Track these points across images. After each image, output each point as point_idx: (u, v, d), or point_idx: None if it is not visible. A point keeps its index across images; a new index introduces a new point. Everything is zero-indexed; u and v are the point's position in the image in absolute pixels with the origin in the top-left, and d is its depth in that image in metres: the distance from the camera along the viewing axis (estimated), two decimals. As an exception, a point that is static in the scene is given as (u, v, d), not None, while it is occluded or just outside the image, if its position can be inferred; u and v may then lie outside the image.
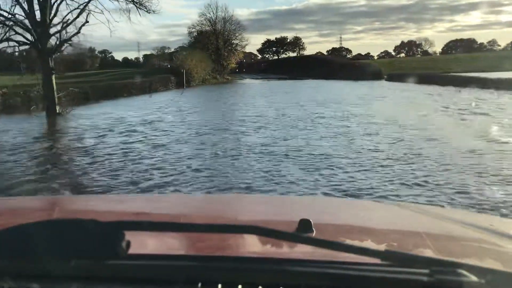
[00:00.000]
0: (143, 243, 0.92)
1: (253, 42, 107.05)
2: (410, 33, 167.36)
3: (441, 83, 34.32)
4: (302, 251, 0.89)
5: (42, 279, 0.72)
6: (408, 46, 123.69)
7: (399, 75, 45.79)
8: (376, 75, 50.02)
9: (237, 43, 71.55)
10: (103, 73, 63.10)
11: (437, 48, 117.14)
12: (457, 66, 60.31)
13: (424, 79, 37.78)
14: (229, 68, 70.32)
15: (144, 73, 48.71)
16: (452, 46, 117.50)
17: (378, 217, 1.48)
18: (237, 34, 70.75)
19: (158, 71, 50.49)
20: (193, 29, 69.12)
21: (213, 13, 69.92)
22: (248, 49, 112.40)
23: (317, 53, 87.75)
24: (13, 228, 0.74)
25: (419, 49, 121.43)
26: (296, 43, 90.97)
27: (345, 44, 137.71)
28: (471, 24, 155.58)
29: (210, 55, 65.54)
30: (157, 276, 0.73)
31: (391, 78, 46.42)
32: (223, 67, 68.00)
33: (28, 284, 0.71)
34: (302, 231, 0.97)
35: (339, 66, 58.60)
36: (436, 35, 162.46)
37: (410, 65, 67.35)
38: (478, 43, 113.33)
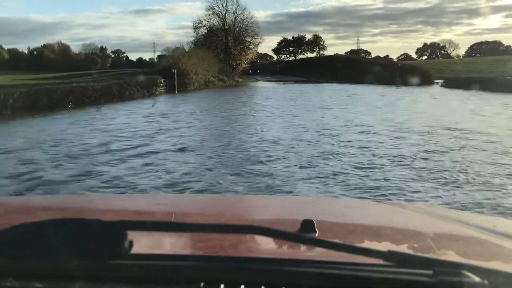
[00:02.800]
0: (145, 243, 0.87)
1: (268, 45, 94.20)
2: (427, 36, 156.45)
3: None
4: (304, 251, 0.86)
5: (45, 278, 0.69)
6: (431, 49, 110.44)
7: (463, 80, 31.82)
8: (423, 80, 36.22)
9: (249, 41, 58.25)
10: (100, 73, 52.35)
11: (461, 51, 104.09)
12: (509, 69, 46.46)
13: None
14: (240, 69, 57.10)
15: (149, 73, 36.61)
16: (476, 49, 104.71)
17: (381, 217, 1.39)
18: (249, 31, 57.51)
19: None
20: (199, 24, 55.85)
21: (223, 6, 56.62)
22: (263, 51, 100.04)
23: (335, 54, 73.98)
24: (16, 228, 0.71)
25: (442, 51, 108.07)
26: (316, 42, 77.34)
27: (362, 47, 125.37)
28: (490, 28, 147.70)
29: (219, 54, 52.65)
30: (159, 275, 0.70)
31: (451, 84, 32.42)
32: (233, 68, 54.90)
33: (31, 284, 0.68)
34: (305, 231, 0.90)
35: (369, 67, 44.89)
36: (454, 38, 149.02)
37: (449, 67, 53.41)
38: (505, 45, 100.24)
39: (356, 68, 46.27)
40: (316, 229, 0.91)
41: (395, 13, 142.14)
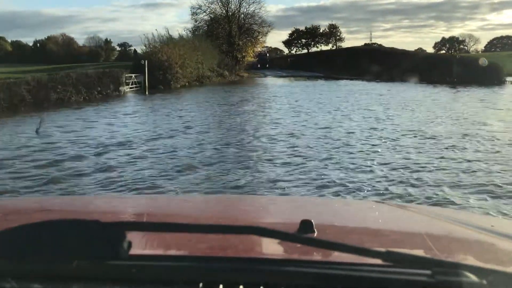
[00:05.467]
0: (144, 244, 0.84)
1: (278, 39, 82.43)
2: (439, 32, 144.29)
3: None
4: (303, 252, 0.81)
5: (44, 279, 0.66)
6: (449, 43, 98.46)
7: None
8: (491, 78, 24.64)
9: (256, 30, 46.74)
10: (92, 66, 42.10)
11: (480, 45, 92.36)
12: None
13: None
14: (245, 62, 45.77)
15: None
16: (496, 44, 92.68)
17: (379, 217, 1.33)
18: (256, 17, 46.03)
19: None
20: (198, 10, 44.49)
21: (225, -12, 45.17)
22: (273, 45, 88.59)
23: (357, 46, 61.88)
24: (15, 229, 0.68)
25: (461, 46, 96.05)
26: (332, 32, 65.18)
27: (374, 42, 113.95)
28: (504, 23, 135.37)
29: (221, 44, 41.60)
30: (158, 276, 0.67)
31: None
32: (237, 61, 43.64)
33: (30, 285, 0.65)
34: (304, 231, 0.87)
35: (406, 61, 33.32)
36: (467, 34, 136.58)
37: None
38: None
39: (387, 62, 34.83)
40: (315, 229, 0.87)
41: (407, 8, 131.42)
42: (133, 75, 24.37)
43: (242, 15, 46.43)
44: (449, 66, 27.75)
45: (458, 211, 3.64)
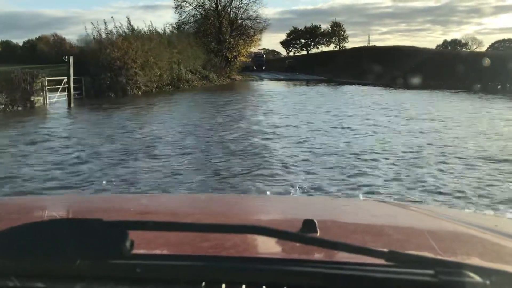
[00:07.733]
0: (147, 243, 0.81)
1: (275, 42, 74.66)
2: (436, 35, 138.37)
3: None
4: (306, 251, 0.79)
5: (47, 278, 0.64)
6: (451, 46, 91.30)
7: None
8: None
9: (251, 27, 38.74)
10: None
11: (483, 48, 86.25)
12: None
13: None
14: (237, 63, 37.87)
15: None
16: (497, 47, 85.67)
17: (382, 217, 1.30)
18: (251, 13, 38.02)
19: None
20: (183, 3, 36.44)
21: (215, -21, 37.19)
22: (270, 47, 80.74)
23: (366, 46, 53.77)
24: (18, 228, 0.66)
25: (464, 48, 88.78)
26: (334, 32, 56.92)
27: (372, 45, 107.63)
28: (500, 27, 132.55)
29: (209, 42, 33.86)
30: (161, 275, 0.65)
31: None
32: (228, 61, 35.73)
33: (33, 284, 0.63)
34: (306, 231, 0.84)
35: (427, 62, 25.67)
36: (469, 36, 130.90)
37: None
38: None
39: (401, 64, 27.09)
40: (318, 229, 0.85)
41: (404, 12, 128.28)
42: (65, 78, 16.37)
43: (234, 9, 38.55)
44: (498, 68, 19.81)
45: (461, 210, 3.56)
